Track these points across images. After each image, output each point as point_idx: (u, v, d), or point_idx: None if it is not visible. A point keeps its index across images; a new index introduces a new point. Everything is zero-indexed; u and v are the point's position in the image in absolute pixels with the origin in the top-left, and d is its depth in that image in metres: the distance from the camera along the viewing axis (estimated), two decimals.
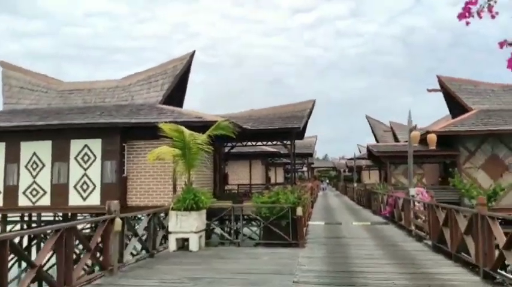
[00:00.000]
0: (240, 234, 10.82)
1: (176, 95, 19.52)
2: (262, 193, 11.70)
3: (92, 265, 9.16)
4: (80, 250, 13.49)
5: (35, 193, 15.40)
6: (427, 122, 33.16)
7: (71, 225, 6.18)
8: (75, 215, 16.08)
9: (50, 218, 17.23)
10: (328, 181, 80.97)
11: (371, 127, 44.35)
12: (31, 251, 16.34)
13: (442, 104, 25.98)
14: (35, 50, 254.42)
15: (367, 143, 27.70)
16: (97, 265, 7.13)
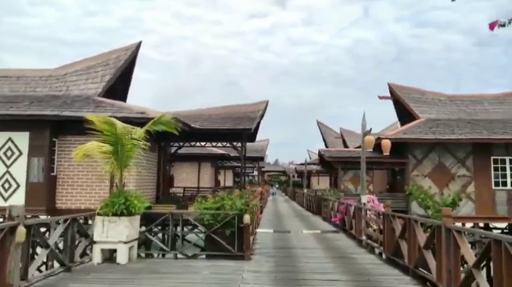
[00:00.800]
0: (177, 244, 9.62)
1: (119, 88, 17.99)
2: (206, 197, 10.56)
3: None
4: None
5: None
6: (375, 129, 33.53)
7: None
8: None
9: None
10: (278, 185, 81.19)
11: (321, 133, 44.63)
12: None
13: (388, 113, 26.35)
14: None
15: (319, 148, 27.37)
16: None
